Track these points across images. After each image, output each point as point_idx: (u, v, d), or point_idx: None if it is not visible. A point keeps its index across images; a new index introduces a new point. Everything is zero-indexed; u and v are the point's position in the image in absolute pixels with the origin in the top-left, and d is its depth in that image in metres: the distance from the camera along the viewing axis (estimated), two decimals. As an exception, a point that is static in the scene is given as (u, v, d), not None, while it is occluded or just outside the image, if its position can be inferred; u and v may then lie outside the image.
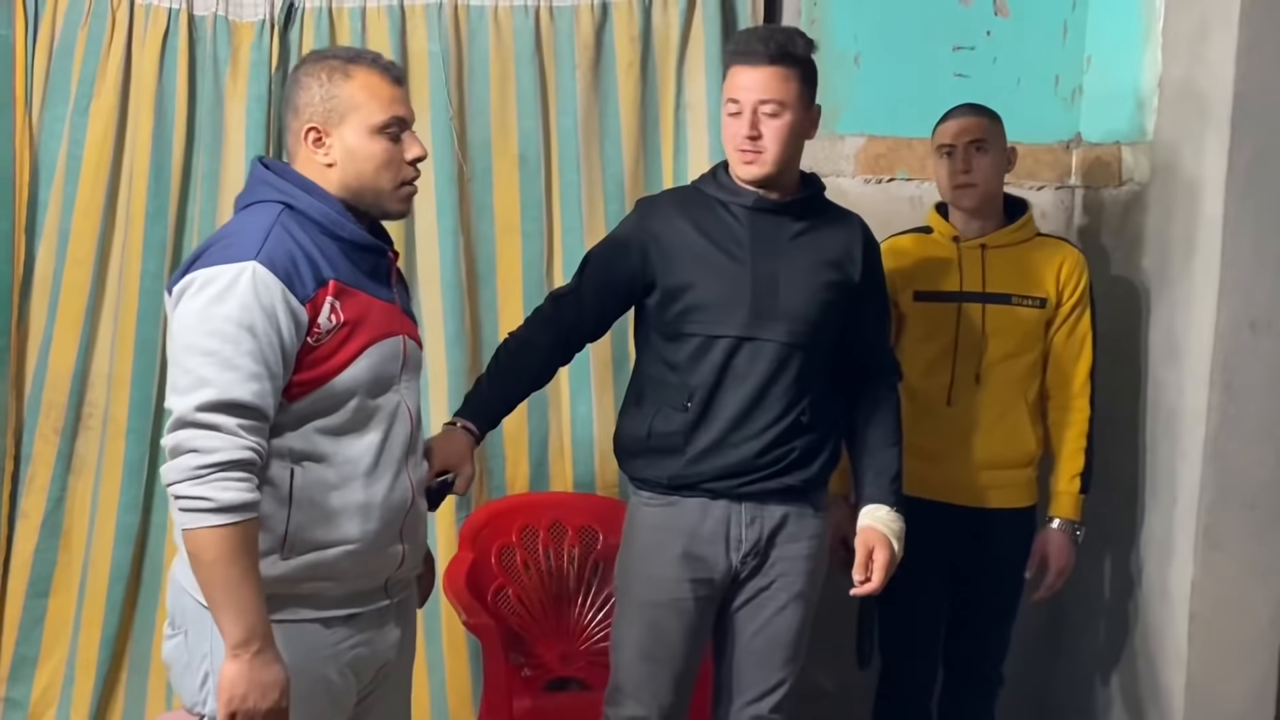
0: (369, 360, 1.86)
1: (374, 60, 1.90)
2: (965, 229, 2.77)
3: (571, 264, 3.01)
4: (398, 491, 1.91)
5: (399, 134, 1.90)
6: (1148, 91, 2.98)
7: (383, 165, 1.89)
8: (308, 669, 1.82)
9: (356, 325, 1.84)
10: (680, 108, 3.08)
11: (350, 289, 1.84)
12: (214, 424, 1.70)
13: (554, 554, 3.10)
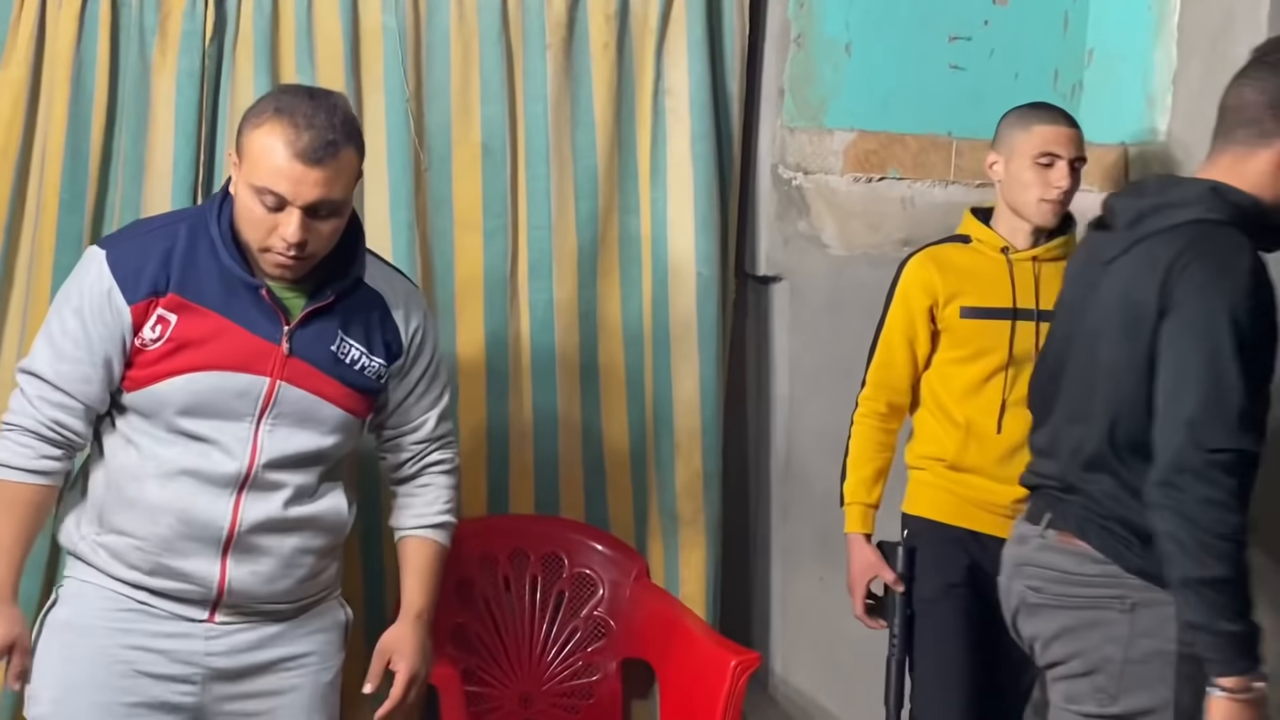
0: (191, 385, 1.97)
1: (295, 124, 1.88)
2: (1016, 240, 2.61)
3: (538, 265, 2.96)
4: (208, 513, 2.00)
5: (277, 206, 1.90)
6: (1159, 89, 2.97)
7: (249, 223, 1.94)
8: (92, 631, 2.01)
9: (185, 346, 1.96)
10: (659, 94, 2.97)
11: (199, 309, 1.96)
12: (21, 388, 2.00)
13: (515, 583, 2.96)
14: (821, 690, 3.14)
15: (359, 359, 2.09)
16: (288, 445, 2.03)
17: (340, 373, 2.07)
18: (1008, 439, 2.54)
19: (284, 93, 1.99)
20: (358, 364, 2.09)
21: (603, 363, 3.03)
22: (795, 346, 3.10)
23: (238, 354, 1.96)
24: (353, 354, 2.08)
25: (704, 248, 2.94)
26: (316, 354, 2.04)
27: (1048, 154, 2.53)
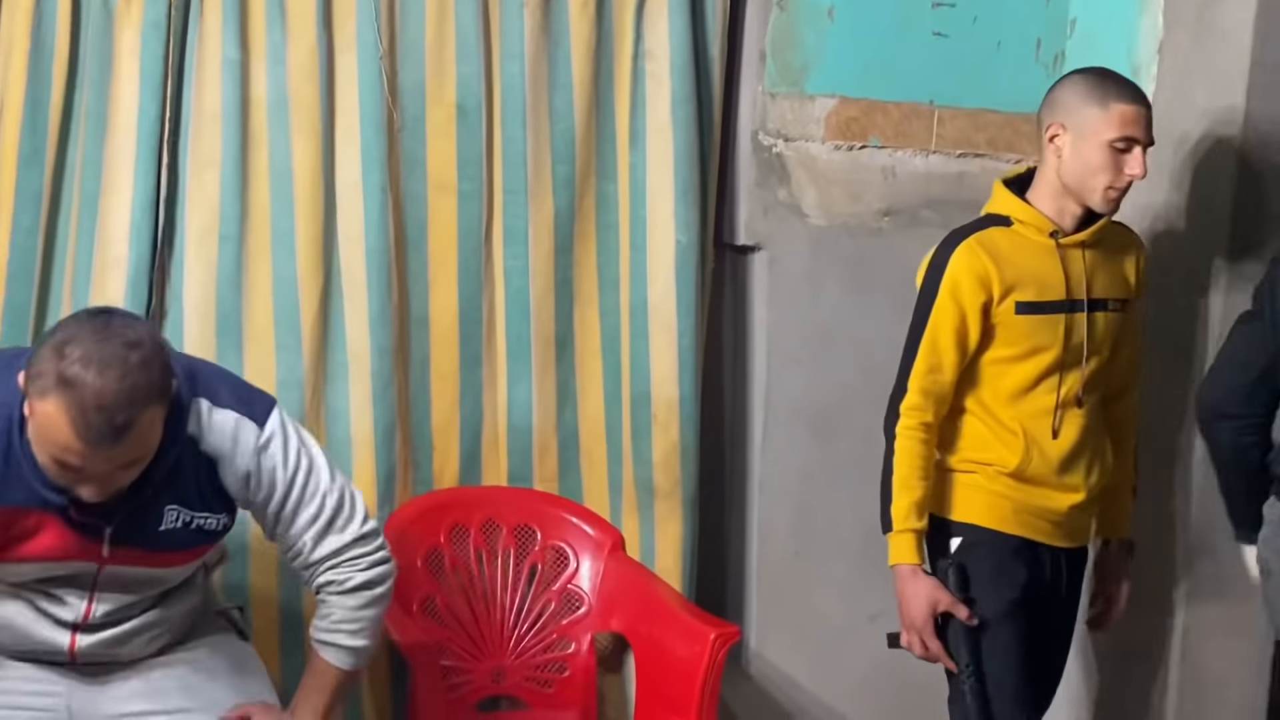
0: (19, 569, 1.99)
1: (82, 407, 1.74)
2: (1064, 222, 2.37)
3: (514, 229, 2.94)
4: (48, 640, 2.08)
5: (75, 469, 1.84)
6: (1144, 59, 2.98)
7: (47, 469, 1.89)
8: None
9: (15, 539, 1.95)
10: (639, 57, 2.93)
11: (19, 509, 1.92)
12: None
13: (486, 556, 2.94)
14: (795, 665, 3.17)
15: (191, 520, 2.04)
16: (124, 600, 2.07)
17: (174, 542, 2.05)
18: (1064, 443, 2.38)
19: (69, 345, 1.77)
20: (192, 524, 2.04)
21: (578, 331, 3.02)
22: (774, 318, 3.11)
23: (63, 547, 1.96)
24: (182, 518, 2.03)
25: (683, 215, 2.93)
26: (141, 540, 2.01)
27: (1127, 138, 2.29)
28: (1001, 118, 3.17)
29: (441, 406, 2.92)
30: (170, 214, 2.68)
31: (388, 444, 2.82)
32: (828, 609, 3.17)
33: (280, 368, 2.75)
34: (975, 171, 3.14)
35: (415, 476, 2.92)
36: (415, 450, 2.92)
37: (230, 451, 2.03)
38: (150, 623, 2.14)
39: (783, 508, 3.15)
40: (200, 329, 2.70)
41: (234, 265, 2.71)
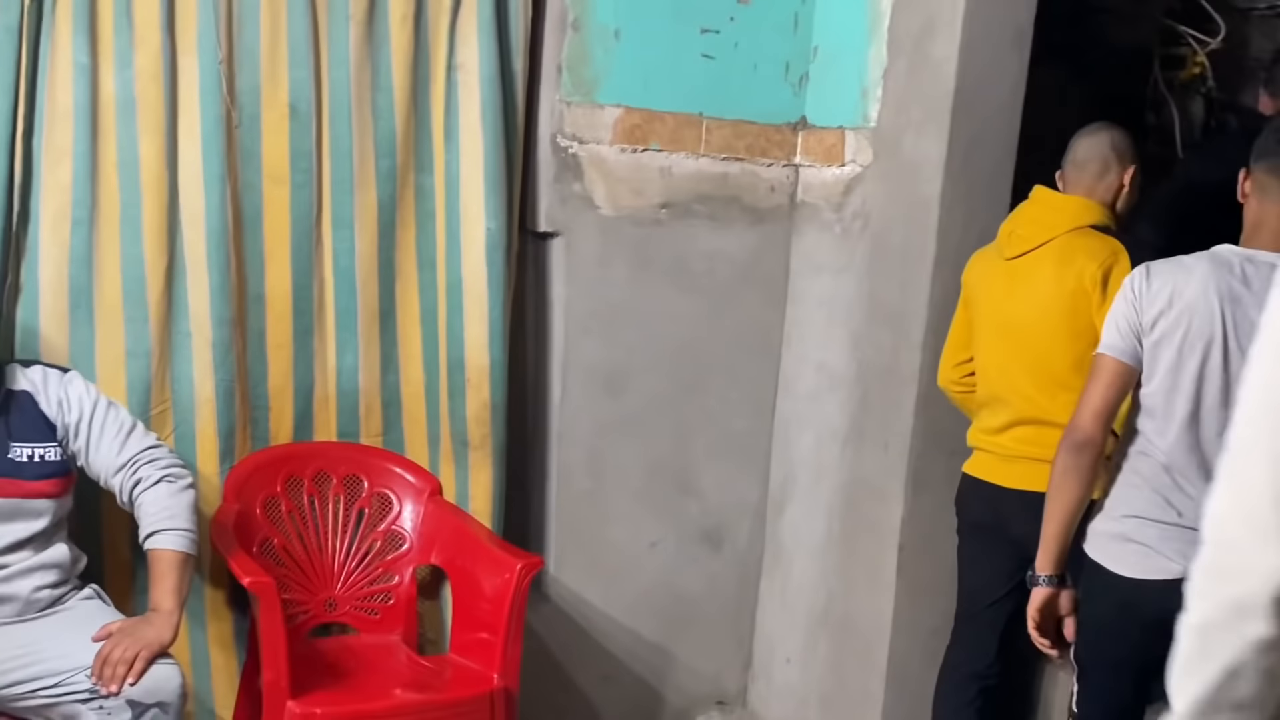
0: None
1: None
2: None
3: (341, 216, 2.95)
4: None
5: None
6: (872, 82, 3.08)
7: None
8: None
9: None
10: (452, 68, 2.94)
11: None
12: None
13: (318, 502, 2.95)
14: (588, 587, 3.26)
15: (34, 453, 2.30)
16: (4, 537, 2.27)
17: (21, 471, 2.30)
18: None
19: None
20: (35, 456, 2.30)
21: (400, 306, 3.01)
22: (570, 294, 3.14)
23: None
24: (26, 452, 2.29)
25: (492, 205, 2.94)
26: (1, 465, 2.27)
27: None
28: (757, 128, 3.24)
29: (277, 372, 2.89)
30: (25, 201, 2.61)
31: (228, 405, 2.79)
32: (615, 539, 3.27)
33: (129, 338, 2.72)
34: (736, 172, 3.24)
35: (254, 433, 2.89)
36: (253, 410, 2.89)
37: (42, 385, 2.37)
38: (31, 566, 2.26)
39: (578, 454, 3.20)
40: (54, 303, 2.65)
41: (85, 246, 2.65)
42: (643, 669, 3.37)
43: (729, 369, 3.36)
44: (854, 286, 3.15)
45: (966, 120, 2.87)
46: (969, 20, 2.82)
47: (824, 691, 3.24)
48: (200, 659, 2.85)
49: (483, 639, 2.78)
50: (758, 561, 3.47)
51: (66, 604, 2.39)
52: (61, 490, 2.39)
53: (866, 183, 3.11)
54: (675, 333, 3.27)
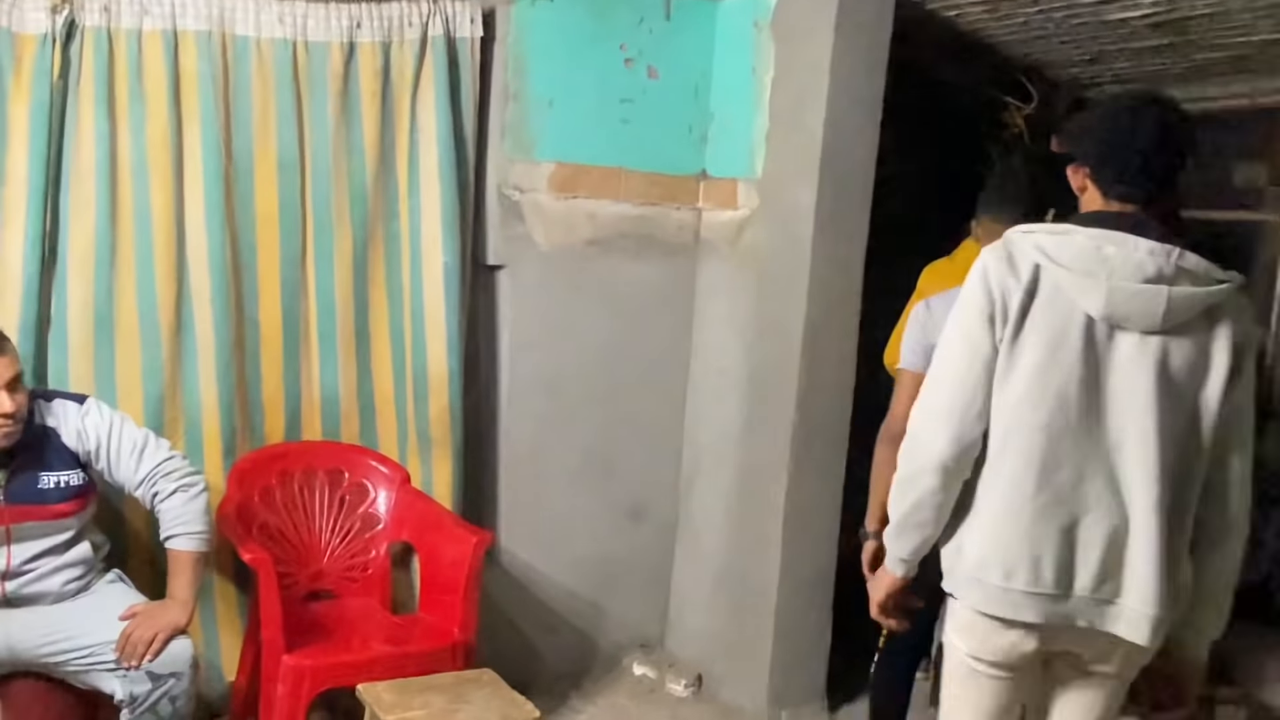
0: None
1: None
2: None
3: (322, 254, 2.91)
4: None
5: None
6: (757, 142, 3.17)
7: None
8: None
9: None
10: (414, 130, 2.94)
11: None
12: None
13: (306, 492, 2.94)
14: (533, 553, 3.27)
15: (59, 480, 2.25)
16: (32, 549, 2.22)
17: (48, 497, 2.24)
18: None
19: None
20: (61, 483, 2.26)
21: (372, 327, 3.00)
22: (514, 315, 3.15)
23: None
24: (53, 480, 2.25)
25: (448, 243, 2.94)
26: (30, 495, 2.22)
27: None
28: (667, 178, 3.28)
29: (270, 383, 2.89)
30: (54, 245, 2.60)
31: (229, 412, 2.79)
32: (554, 514, 3.28)
33: (145, 358, 2.71)
34: (651, 215, 3.28)
35: (251, 435, 2.88)
36: (251, 416, 2.88)
37: (63, 418, 2.27)
38: (58, 566, 2.23)
39: (522, 447, 3.21)
40: (80, 331, 2.64)
41: (107, 283, 2.65)
42: (579, 621, 3.39)
43: (646, 374, 3.39)
44: (746, 306, 3.22)
45: (831, 173, 2.97)
46: (832, 95, 2.93)
47: (726, 633, 3.30)
48: (209, 627, 2.83)
49: (446, 600, 2.79)
50: (672, 531, 3.52)
51: (93, 588, 2.36)
52: (84, 506, 2.34)
53: (755, 223, 3.19)
54: (602, 346, 3.30)
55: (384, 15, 2.84)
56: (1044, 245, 1.68)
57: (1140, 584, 1.66)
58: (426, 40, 2.88)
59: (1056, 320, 1.66)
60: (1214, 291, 1.65)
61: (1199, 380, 1.66)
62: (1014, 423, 1.68)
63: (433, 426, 3.04)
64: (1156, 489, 1.64)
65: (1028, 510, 1.68)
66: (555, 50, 3.06)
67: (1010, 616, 1.70)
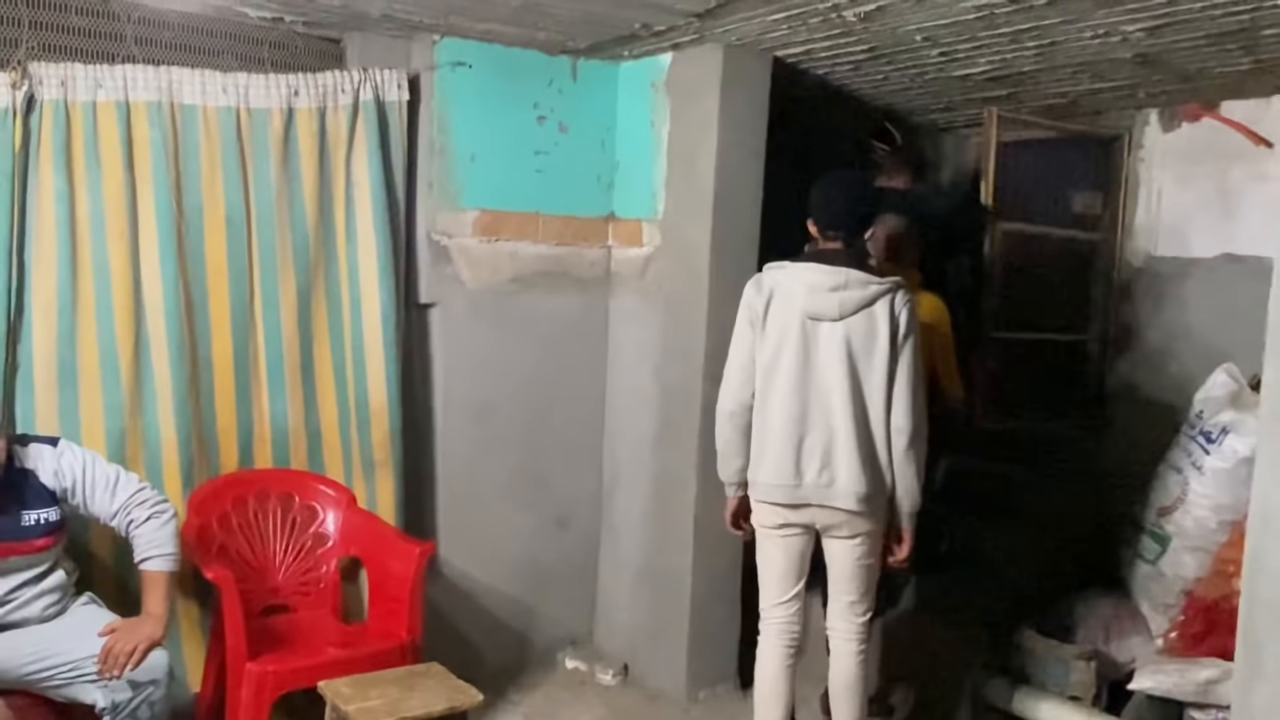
0: None
1: None
2: None
3: (269, 299, 3.01)
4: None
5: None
6: (658, 186, 3.38)
7: None
8: None
9: None
10: (350, 185, 3.06)
11: None
12: None
13: (260, 515, 3.03)
14: (470, 562, 3.37)
15: (39, 517, 2.33)
16: (15, 580, 2.30)
17: (30, 534, 2.32)
18: None
19: None
20: (40, 520, 2.34)
21: (317, 365, 3.11)
22: (446, 347, 3.26)
23: None
24: (33, 517, 2.33)
25: (384, 285, 3.06)
26: (14, 532, 2.29)
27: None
28: (580, 221, 3.44)
29: (224, 417, 2.98)
30: (20, 297, 2.66)
31: (187, 445, 2.88)
32: (489, 526, 3.39)
33: (106, 398, 2.79)
34: (566, 254, 3.43)
35: (208, 466, 2.96)
36: (206, 448, 2.95)
37: (39, 460, 2.34)
38: (38, 593, 2.32)
39: (458, 466, 3.31)
40: (45, 376, 2.72)
41: (69, 330, 2.73)
42: (515, 621, 3.50)
43: (568, 396, 3.55)
44: (654, 333, 3.42)
45: (723, 213, 3.20)
46: (720, 145, 3.17)
47: (648, 624, 3.47)
48: (173, 644, 2.84)
49: (392, 608, 2.89)
50: (596, 536, 3.67)
51: (70, 610, 2.44)
52: (60, 539, 2.42)
53: (658, 259, 3.40)
54: (526, 372, 3.44)
55: (319, 83, 2.99)
56: (777, 274, 2.57)
57: (844, 472, 2.47)
58: (358, 105, 3.04)
59: (784, 318, 2.50)
60: (869, 293, 2.47)
61: (870, 347, 2.47)
62: (765, 384, 2.54)
63: (375, 451, 3.15)
64: (849, 415, 2.46)
65: (777, 436, 2.51)
66: (475, 111, 3.23)
67: (772, 500, 2.54)
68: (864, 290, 2.49)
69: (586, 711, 3.25)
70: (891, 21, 2.80)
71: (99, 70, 2.72)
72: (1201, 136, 3.75)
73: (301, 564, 3.06)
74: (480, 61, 3.21)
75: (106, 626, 2.33)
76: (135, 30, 2.82)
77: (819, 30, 2.93)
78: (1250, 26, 2.71)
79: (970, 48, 3.04)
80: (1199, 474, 3.35)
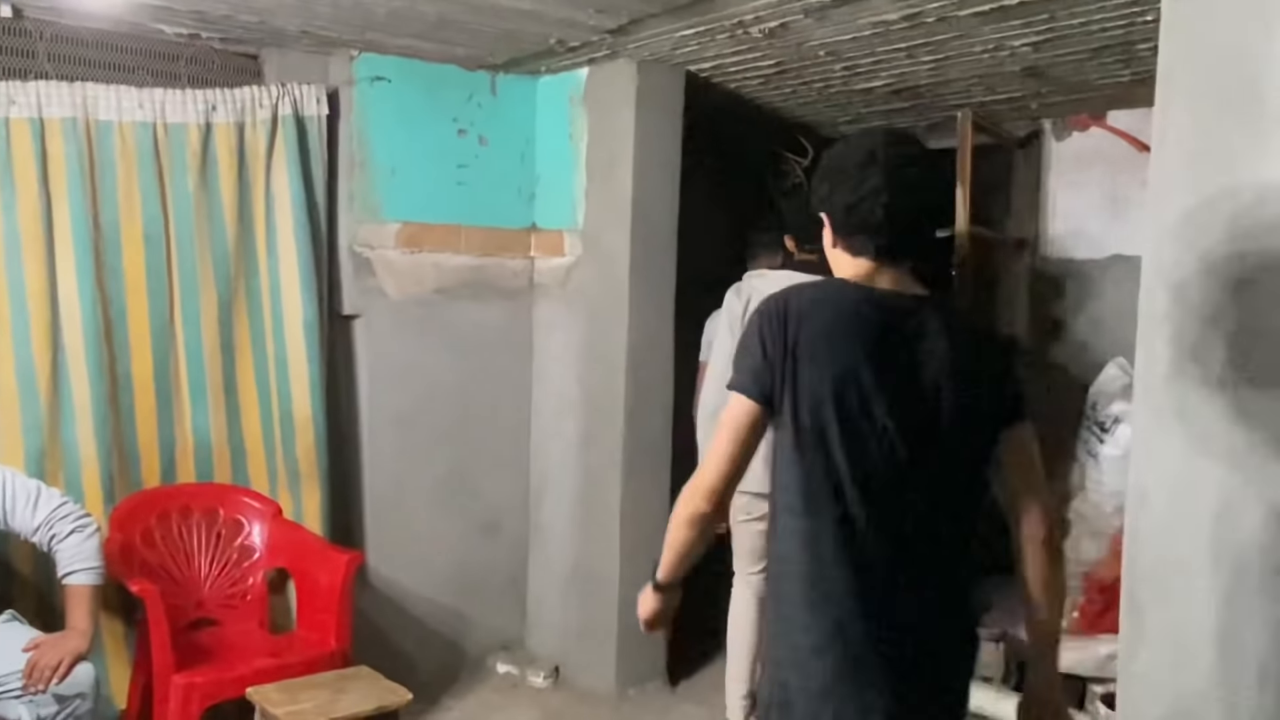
0: None
1: None
2: None
3: (189, 314, 3.02)
4: None
5: None
6: (578, 197, 3.48)
7: None
8: None
9: None
10: (270, 199, 3.09)
11: None
12: None
13: (184, 529, 3.04)
14: (400, 571, 3.41)
15: None
16: None
17: None
18: None
19: None
20: None
21: (239, 377, 3.13)
22: (370, 358, 3.31)
23: None
24: None
25: (307, 297, 3.10)
26: None
27: None
28: (502, 232, 3.51)
29: (145, 433, 2.98)
30: None
31: (107, 461, 2.87)
32: (417, 534, 3.43)
33: (24, 417, 2.79)
34: (489, 264, 3.51)
35: (129, 481, 2.96)
36: (128, 464, 2.96)
37: None
38: None
39: (384, 476, 3.36)
40: None
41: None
42: (446, 629, 3.55)
43: (494, 403, 3.61)
44: (577, 339, 3.51)
45: (641, 223, 3.32)
46: (637, 156, 3.29)
47: (577, 626, 3.55)
48: (98, 661, 2.75)
49: (321, 617, 2.93)
50: (525, 541, 3.74)
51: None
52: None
53: (580, 268, 3.50)
54: (452, 382, 3.50)
55: (237, 98, 3.03)
56: (756, 281, 2.83)
57: None
58: (277, 119, 3.08)
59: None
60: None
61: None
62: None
63: (300, 463, 3.18)
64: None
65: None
66: (395, 125, 3.29)
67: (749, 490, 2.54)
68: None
69: (519, 714, 3.31)
70: (795, 37, 2.95)
71: (11, 87, 2.72)
72: (1091, 145, 3.99)
73: (227, 577, 3.07)
74: (399, 76, 3.27)
75: (30, 642, 2.33)
76: (48, 47, 2.82)
77: (727, 45, 3.07)
78: (1125, 40, 2.92)
79: (870, 62, 3.21)
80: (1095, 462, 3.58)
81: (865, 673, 1.42)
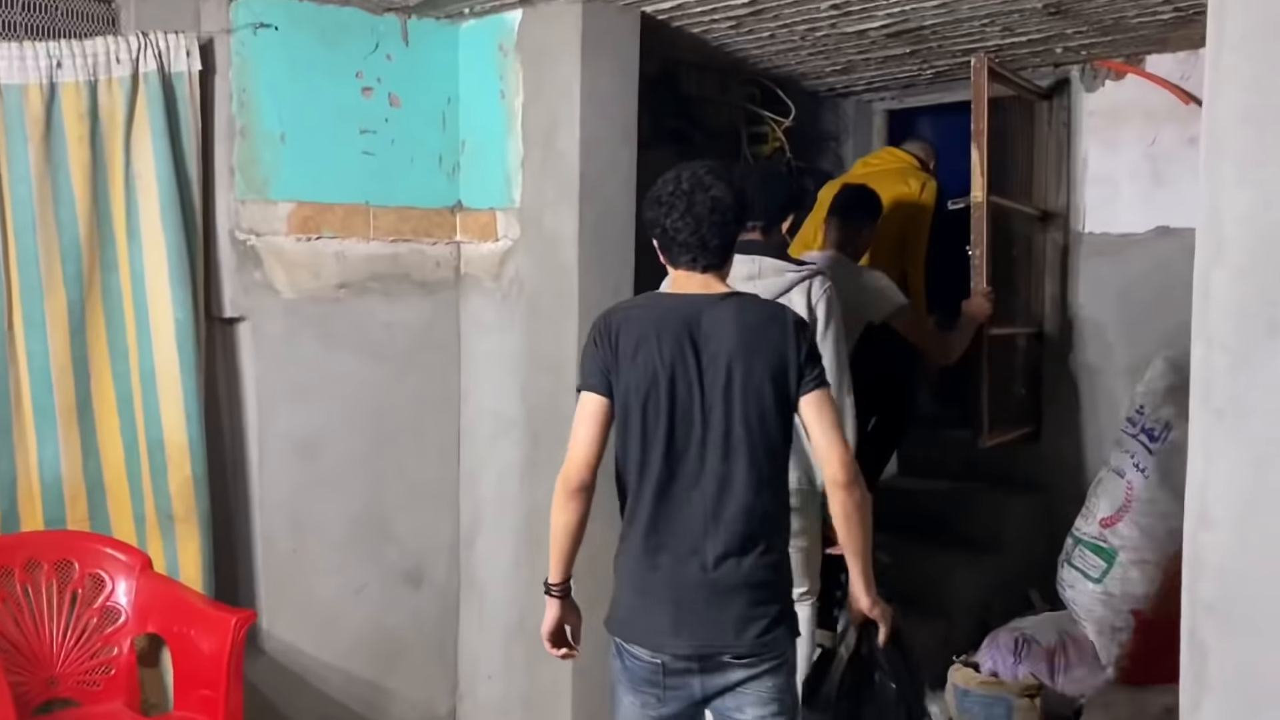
0: None
1: None
2: None
3: (32, 319, 3.00)
4: None
5: None
6: (513, 170, 3.48)
7: None
8: None
9: None
10: (130, 176, 3.08)
11: None
12: None
13: (31, 589, 2.99)
14: (300, 636, 3.39)
15: None
16: None
17: None
18: None
19: None
20: None
21: (96, 396, 3.10)
22: (260, 370, 3.28)
23: None
24: None
25: (178, 297, 3.07)
26: None
27: None
28: (419, 212, 3.52)
29: None
30: None
31: None
32: (322, 589, 3.42)
33: None
34: (405, 252, 3.52)
35: None
36: None
37: None
38: None
39: (280, 516, 3.34)
40: None
41: None
42: (359, 705, 3.53)
43: (415, 424, 3.61)
44: (517, 342, 3.51)
45: (592, 199, 3.33)
46: (585, 120, 3.29)
47: (523, 694, 3.55)
48: None
49: (204, 695, 2.89)
50: (455, 592, 3.74)
51: None
52: None
53: (518, 254, 3.51)
54: (363, 396, 3.50)
55: (88, 52, 3.00)
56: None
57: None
58: (138, 77, 3.05)
59: None
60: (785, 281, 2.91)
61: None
62: None
63: (174, 502, 3.16)
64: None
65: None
66: (284, 81, 3.28)
67: None
68: (780, 278, 2.91)
69: (453, 805, 3.31)
70: (772, -33, 2.98)
71: None
72: (1127, 96, 4.07)
73: (86, 647, 3.05)
74: (288, 22, 3.27)
75: None
76: None
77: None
78: (1165, -32, 2.99)
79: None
80: (1143, 476, 3.66)
81: (662, 591, 2.35)
